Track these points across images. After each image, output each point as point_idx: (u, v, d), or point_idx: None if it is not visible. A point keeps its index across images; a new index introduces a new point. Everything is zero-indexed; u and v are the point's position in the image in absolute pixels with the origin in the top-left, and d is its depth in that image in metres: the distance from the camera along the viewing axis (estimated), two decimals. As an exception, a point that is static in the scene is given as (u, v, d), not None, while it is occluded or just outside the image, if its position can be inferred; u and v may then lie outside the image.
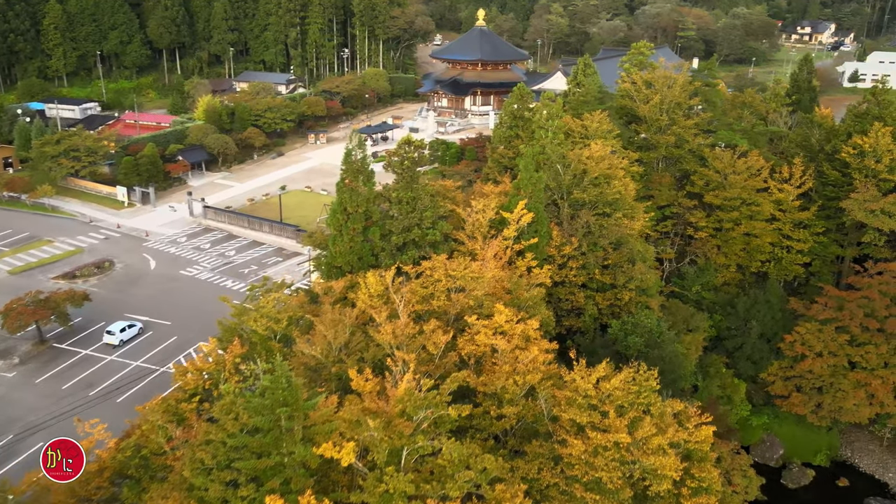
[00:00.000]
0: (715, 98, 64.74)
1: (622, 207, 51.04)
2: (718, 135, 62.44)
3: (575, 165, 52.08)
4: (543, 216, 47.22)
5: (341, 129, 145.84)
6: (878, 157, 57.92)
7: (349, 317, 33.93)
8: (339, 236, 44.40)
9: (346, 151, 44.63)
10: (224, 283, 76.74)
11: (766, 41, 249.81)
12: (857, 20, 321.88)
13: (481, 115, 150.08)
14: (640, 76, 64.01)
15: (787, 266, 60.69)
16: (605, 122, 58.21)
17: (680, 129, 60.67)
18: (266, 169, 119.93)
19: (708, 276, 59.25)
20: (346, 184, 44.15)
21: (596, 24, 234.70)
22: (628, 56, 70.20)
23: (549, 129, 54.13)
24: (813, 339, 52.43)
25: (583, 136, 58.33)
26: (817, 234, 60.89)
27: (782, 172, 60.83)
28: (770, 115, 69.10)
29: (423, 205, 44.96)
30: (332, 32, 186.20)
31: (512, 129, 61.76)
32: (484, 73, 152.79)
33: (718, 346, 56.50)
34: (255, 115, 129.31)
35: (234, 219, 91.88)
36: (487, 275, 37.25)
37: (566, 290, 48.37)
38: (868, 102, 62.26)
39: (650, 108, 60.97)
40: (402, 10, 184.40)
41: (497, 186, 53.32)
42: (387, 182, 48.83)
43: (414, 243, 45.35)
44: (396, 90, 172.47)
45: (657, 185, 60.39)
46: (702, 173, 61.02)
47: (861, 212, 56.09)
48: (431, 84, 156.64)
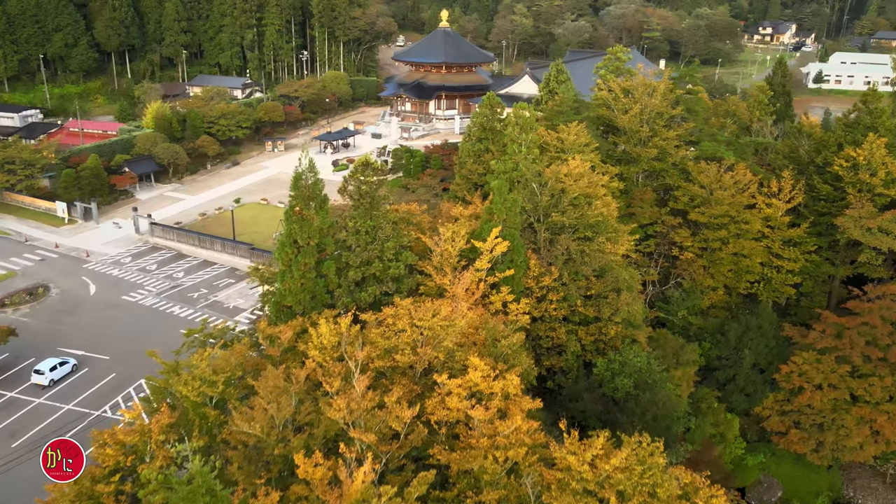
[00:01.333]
0: (697, 107, 60.55)
1: (605, 230, 46.32)
2: (702, 146, 58.16)
3: (552, 184, 47.23)
4: (520, 244, 42.25)
5: (300, 136, 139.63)
6: (873, 170, 54.11)
7: (297, 381, 28.53)
8: (289, 272, 38.87)
9: (294, 175, 39.12)
10: (171, 309, 70.47)
11: (729, 42, 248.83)
12: (818, 21, 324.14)
13: (446, 120, 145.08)
14: (617, 83, 59.44)
15: (777, 287, 56.62)
16: (583, 135, 53.51)
17: (662, 140, 56.22)
18: (220, 179, 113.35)
19: (694, 299, 54.91)
20: (295, 212, 38.63)
21: (561, 25, 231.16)
22: (604, 62, 65.69)
23: (523, 144, 49.24)
24: (811, 371, 48.29)
25: (559, 150, 53.56)
26: (808, 252, 56.93)
27: (770, 186, 56.75)
28: (754, 124, 65.13)
29: (384, 234, 39.68)
30: (291, 34, 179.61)
31: (481, 142, 56.74)
32: (448, 75, 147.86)
33: (709, 377, 52.17)
34: (209, 122, 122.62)
35: (183, 236, 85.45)
36: (459, 322, 32.11)
37: (546, 325, 43.47)
38: (858, 111, 58.48)
39: (630, 119, 56.42)
40: (362, 10, 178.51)
41: (467, 208, 48.24)
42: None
43: (375, 278, 40.04)
44: (358, 94, 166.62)
45: (638, 202, 55.86)
46: (686, 188, 56.66)
47: (857, 230, 52.17)
48: (394, 87, 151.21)
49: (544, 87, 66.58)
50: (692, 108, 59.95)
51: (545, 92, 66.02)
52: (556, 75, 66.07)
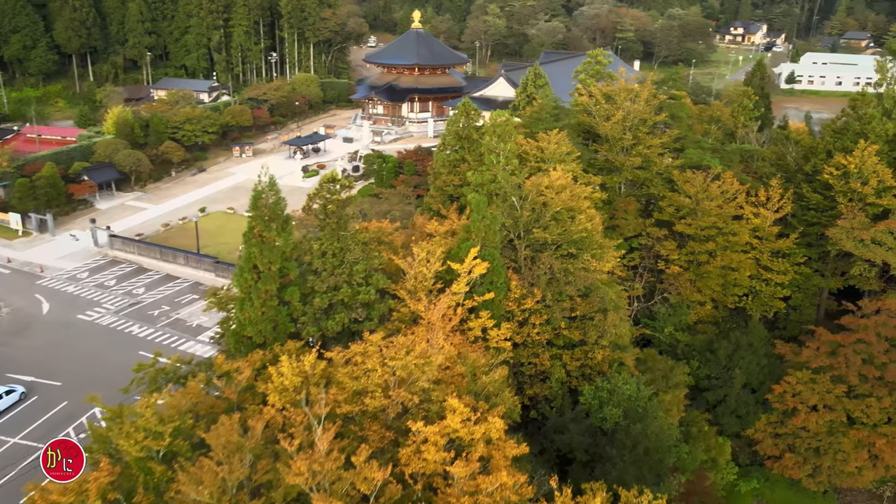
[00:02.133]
0: (681, 112, 58.06)
1: (589, 247, 43.48)
2: (687, 154, 55.66)
3: (533, 198, 44.32)
4: (500, 264, 39.26)
5: (269, 141, 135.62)
6: (865, 178, 51.95)
7: (253, 434, 25.22)
8: (248, 300, 35.50)
9: (254, 193, 35.74)
10: (130, 328, 66.52)
11: (702, 42, 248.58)
12: (788, 21, 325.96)
13: (419, 123, 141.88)
14: (598, 89, 56.71)
15: (766, 301, 54.30)
16: (564, 143, 50.65)
17: (645, 148, 53.59)
18: (185, 187, 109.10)
19: (681, 314, 52.38)
20: (255, 234, 35.26)
21: (534, 26, 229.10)
22: (583, 66, 62.94)
23: (501, 154, 46.30)
24: (806, 391, 45.92)
25: (539, 160, 50.67)
26: (797, 264, 54.68)
27: (758, 196, 54.40)
28: (739, 130, 62.86)
29: (352, 257, 36.46)
30: (259, 35, 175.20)
31: (457, 151, 53.70)
32: (421, 77, 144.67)
33: (698, 397, 49.62)
34: (173, 126, 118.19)
35: (144, 249, 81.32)
36: (436, 360, 29.00)
37: (529, 351, 40.55)
38: (847, 117, 56.36)
39: (612, 126, 53.71)
40: (332, 11, 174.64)
41: (442, 224, 45.17)
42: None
43: (343, 304, 36.80)
44: (329, 96, 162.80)
45: (622, 214, 53.20)
46: (671, 198, 54.11)
47: (850, 241, 49.97)
48: (366, 90, 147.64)
49: (521, 92, 63.72)
50: (676, 114, 57.46)
51: (522, 97, 63.17)
52: (534, 79, 63.22)
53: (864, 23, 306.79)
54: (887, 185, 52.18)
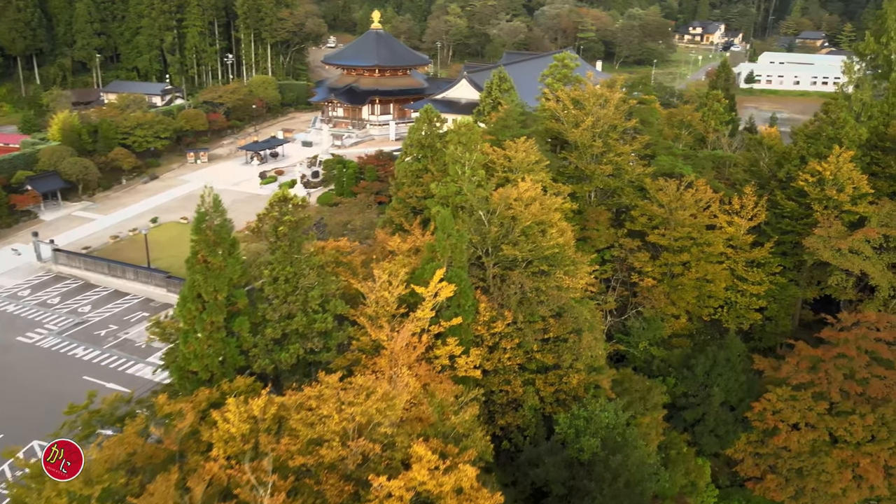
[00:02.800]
0: (651, 117, 56.05)
1: (562, 263, 41.04)
2: (659, 161, 53.61)
3: (501, 211, 41.74)
4: (467, 286, 36.57)
5: (225, 146, 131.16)
6: (840, 185, 50.41)
7: (193, 500, 22.12)
8: (193, 332, 32.28)
9: (196, 215, 32.50)
10: (74, 350, 62.40)
11: (662, 42, 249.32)
12: (745, 21, 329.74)
13: (381, 126, 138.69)
14: (566, 93, 54.38)
15: (741, 312, 52.50)
16: (533, 152, 48.18)
17: (616, 156, 51.40)
18: (136, 196, 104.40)
19: (656, 328, 50.32)
20: (198, 260, 32.05)
21: (496, 26, 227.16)
22: (550, 69, 60.57)
23: (466, 164, 43.65)
24: (786, 409, 44.10)
25: (507, 170, 48.13)
26: (773, 273, 52.99)
27: (732, 203, 52.60)
28: (710, 135, 61.12)
29: (307, 282, 33.44)
30: (215, 36, 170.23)
31: (419, 160, 50.89)
32: (382, 79, 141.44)
33: (675, 415, 47.55)
34: (124, 132, 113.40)
35: (91, 264, 76.92)
36: (400, 401, 26.17)
37: (500, 378, 37.93)
38: (820, 121, 54.86)
39: (581, 133, 51.40)
40: (290, 11, 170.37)
41: (406, 240, 42.31)
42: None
43: (298, 334, 33.77)
44: (287, 99, 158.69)
45: (594, 224, 50.92)
46: (643, 207, 52.00)
47: (827, 251, 48.34)
48: (325, 92, 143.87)
49: (486, 97, 61.19)
50: (646, 119, 55.40)
51: (487, 102, 60.63)
52: (499, 83, 60.73)
53: (818, 23, 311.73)
54: (863, 192, 50.75)
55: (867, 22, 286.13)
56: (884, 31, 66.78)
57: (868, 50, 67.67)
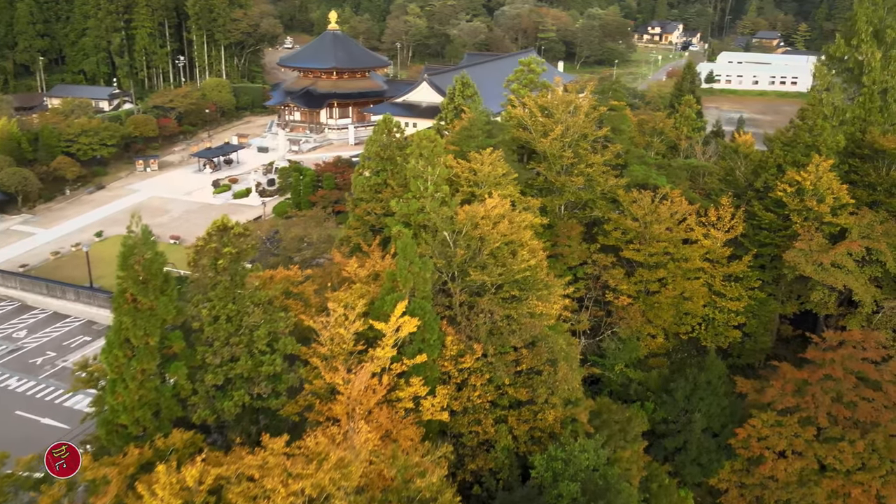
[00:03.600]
0: (623, 125, 53.28)
1: (534, 287, 37.87)
2: (631, 170, 50.83)
3: (468, 231, 38.45)
4: (432, 318, 33.18)
5: (177, 152, 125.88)
6: (821, 196, 48.15)
7: None
8: (121, 382, 28.34)
9: (123, 248, 28.56)
10: (6, 381, 57.64)
11: (622, 42, 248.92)
12: (702, 21, 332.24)
13: (340, 130, 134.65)
14: (533, 100, 51.31)
15: (720, 330, 50.01)
16: (500, 164, 44.96)
17: (587, 167, 48.45)
18: (81, 208, 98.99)
19: (632, 349, 47.55)
20: (126, 300, 28.12)
21: (456, 26, 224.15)
22: (515, 74, 57.44)
23: (429, 179, 40.31)
24: (772, 436, 41.57)
25: (472, 184, 44.84)
26: (751, 288, 50.59)
27: (708, 215, 50.07)
28: (682, 142, 58.62)
29: (252, 320, 29.71)
30: (165, 37, 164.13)
31: (378, 174, 47.31)
32: (340, 82, 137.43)
33: (655, 443, 44.72)
34: (67, 139, 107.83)
35: (28, 284, 71.79)
36: (357, 468, 22.68)
37: (469, 418, 34.60)
38: (796, 128, 52.59)
39: (551, 143, 48.35)
40: (244, 11, 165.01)
41: (364, 264, 38.73)
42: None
43: (243, 379, 30.01)
44: (242, 102, 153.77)
45: (565, 240, 47.91)
46: (617, 221, 49.16)
47: (809, 265, 46.01)
48: (281, 96, 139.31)
49: (449, 103, 57.85)
50: (617, 127, 52.62)
51: (450, 108, 57.32)
52: (462, 89, 57.43)
53: (773, 23, 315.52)
54: (843, 203, 48.56)
55: (821, 22, 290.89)
56: (854, 33, 64.99)
57: (839, 52, 65.87)
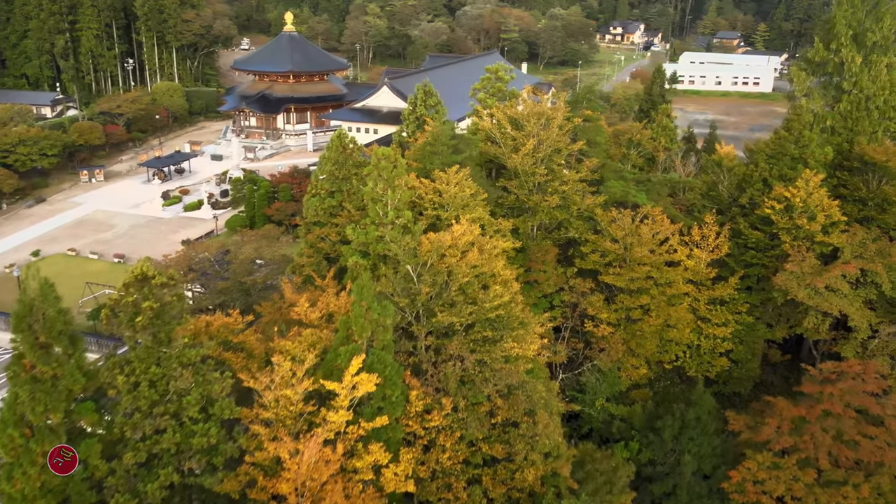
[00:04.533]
0: (599, 137, 49.44)
1: (508, 325, 33.74)
2: (610, 187, 47.00)
3: (433, 263, 34.16)
4: (394, 372, 28.79)
5: (125, 161, 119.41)
6: (811, 213, 44.83)
7: None
8: (19, 467, 23.45)
9: (19, 305, 23.63)
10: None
11: (585, 42, 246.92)
12: (663, 21, 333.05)
13: (298, 136, 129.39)
14: (502, 112, 47.21)
15: (706, 358, 46.48)
16: (467, 184, 40.78)
17: (563, 185, 44.49)
18: (19, 223, 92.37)
19: (613, 383, 43.75)
20: (23, 368, 23.25)
21: (417, 27, 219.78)
22: (482, 82, 53.25)
23: (389, 203, 35.98)
24: (769, 480, 38.04)
25: (437, 207, 40.56)
26: (738, 312, 47.15)
27: (691, 234, 46.50)
28: (660, 154, 55.01)
29: (181, 385, 25.02)
30: (113, 39, 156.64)
31: (333, 196, 42.73)
32: (297, 85, 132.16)
33: (641, 488, 40.91)
34: (3, 150, 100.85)
35: (-49, 311, 65.53)
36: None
37: (439, 483, 30.29)
38: (782, 139, 49.26)
39: (522, 159, 44.28)
40: (196, 12, 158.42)
41: (316, 304, 34.20)
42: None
43: (170, 454, 25.30)
44: (196, 107, 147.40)
45: (539, 264, 43.88)
46: (595, 242, 45.28)
47: (802, 290, 42.64)
48: (236, 100, 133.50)
49: (410, 113, 53.47)
50: (593, 140, 48.79)
51: (412, 119, 52.96)
52: (424, 98, 53.07)
53: (734, 22, 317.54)
54: (834, 220, 45.34)
55: (779, 22, 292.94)
56: (833, 36, 62.22)
57: (817, 57, 63.06)
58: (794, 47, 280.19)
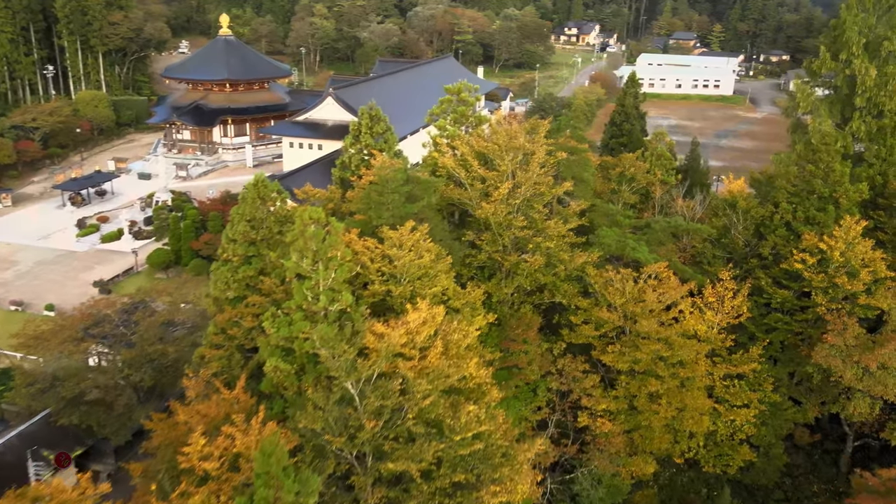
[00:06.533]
0: (586, 173, 39.97)
1: (488, 461, 24.01)
2: (602, 237, 37.49)
3: (383, 373, 24.29)
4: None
5: (38, 182, 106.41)
6: (853, 270, 36.09)
7: None
8: None
9: None
10: None
11: (540, 44, 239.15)
12: (618, 21, 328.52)
13: (236, 150, 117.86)
14: (467, 144, 37.45)
15: (725, 450, 37.36)
16: (426, 246, 30.93)
17: (547, 241, 34.89)
18: None
19: (614, 491, 34.39)
20: None
21: (366, 28, 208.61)
22: (442, 105, 43.12)
23: (321, 284, 26.13)
24: None
25: (388, 278, 30.62)
26: (759, 387, 38.12)
27: (703, 295, 37.36)
28: (656, 190, 45.84)
29: None
30: (31, 44, 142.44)
31: (251, 262, 32.38)
32: (235, 94, 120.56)
33: None
34: None
35: None
36: None
37: None
38: (803, 169, 40.30)
39: (495, 208, 34.57)
40: (124, 13, 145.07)
41: (216, 444, 23.95)
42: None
43: None
44: (125, 118, 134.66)
45: (519, 343, 34.20)
46: (587, 311, 35.79)
47: (849, 369, 33.81)
48: (167, 111, 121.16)
49: (353, 143, 43.25)
50: (579, 177, 39.35)
51: (355, 152, 42.78)
52: (370, 124, 42.97)
53: (689, 23, 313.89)
54: (879, 276, 36.63)
55: (734, 22, 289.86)
56: (843, 45, 54.01)
57: (825, 69, 54.80)
58: (750, 48, 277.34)
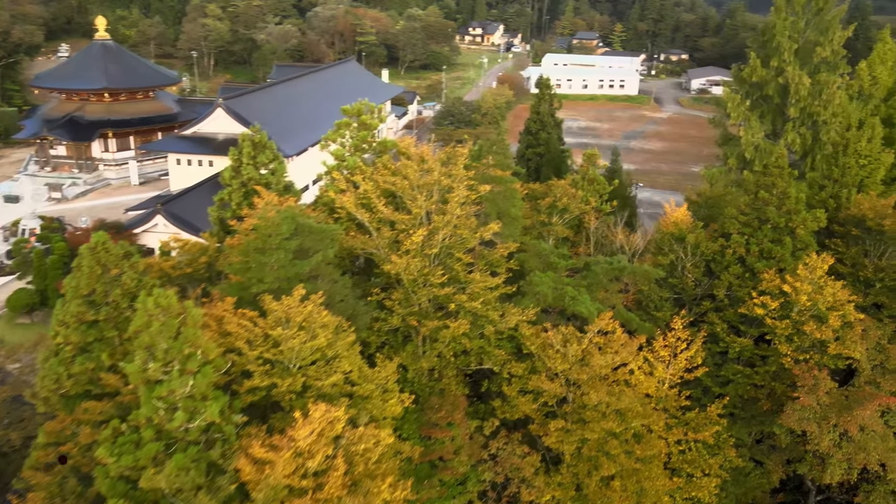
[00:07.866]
0: (514, 208, 33.69)
1: None
2: (535, 284, 31.35)
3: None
4: None
5: None
6: (821, 315, 31.34)
7: None
8: None
9: None
10: None
11: (446, 44, 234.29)
12: (522, 21, 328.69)
13: (119, 166, 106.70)
14: (371, 180, 30.68)
15: (687, 528, 32.16)
16: (322, 320, 24.01)
17: (472, 298, 28.54)
18: None
19: None
20: None
21: (263, 30, 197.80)
22: (337, 129, 35.89)
23: (178, 392, 18.96)
24: None
25: (271, 369, 23.52)
26: (718, 451, 33.08)
27: (653, 347, 31.95)
28: (590, 221, 40.24)
29: None
30: None
31: (89, 353, 24.55)
32: (116, 105, 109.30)
33: None
34: None
35: None
36: None
37: None
38: (761, 202, 35.30)
39: (408, 262, 27.96)
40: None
41: None
42: None
43: None
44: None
45: (442, 429, 27.73)
46: (526, 380, 29.68)
47: (825, 435, 28.98)
48: (37, 125, 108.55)
49: (233, 177, 35.74)
50: (505, 212, 33.16)
51: (236, 186, 35.28)
52: (253, 153, 35.52)
53: (591, 23, 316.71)
54: (848, 321, 32.01)
55: (634, 22, 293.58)
56: (773, 51, 50.13)
57: (755, 76, 50.79)
58: (651, 47, 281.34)
